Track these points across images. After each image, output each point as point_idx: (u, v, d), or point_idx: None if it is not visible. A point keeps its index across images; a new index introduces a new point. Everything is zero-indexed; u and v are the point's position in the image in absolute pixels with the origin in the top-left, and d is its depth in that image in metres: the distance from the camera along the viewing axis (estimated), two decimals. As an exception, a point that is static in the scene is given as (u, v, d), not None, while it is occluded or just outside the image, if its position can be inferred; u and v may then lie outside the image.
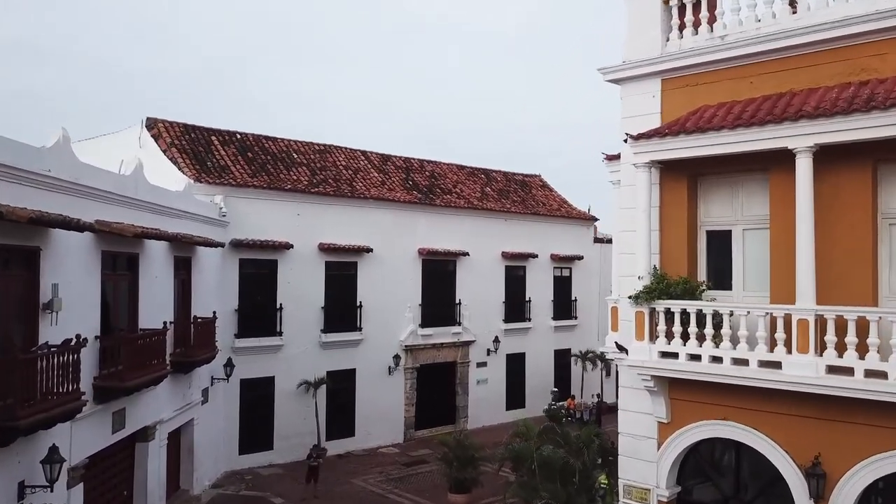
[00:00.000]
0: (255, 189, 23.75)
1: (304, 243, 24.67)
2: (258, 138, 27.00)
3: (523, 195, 34.22)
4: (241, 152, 25.62)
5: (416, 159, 31.94)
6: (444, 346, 28.88)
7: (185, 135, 24.85)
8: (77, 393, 11.84)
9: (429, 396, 28.47)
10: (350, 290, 25.99)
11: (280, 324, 24.05)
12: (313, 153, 28.06)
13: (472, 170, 34.06)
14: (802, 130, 9.35)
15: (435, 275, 28.63)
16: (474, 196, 31.32)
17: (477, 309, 29.86)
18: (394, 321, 27.18)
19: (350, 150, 29.77)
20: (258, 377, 23.59)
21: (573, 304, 34.03)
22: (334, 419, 25.43)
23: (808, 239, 9.45)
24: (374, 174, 28.86)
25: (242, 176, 24.11)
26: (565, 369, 33.68)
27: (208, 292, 21.03)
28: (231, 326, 22.90)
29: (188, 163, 23.36)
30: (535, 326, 32.30)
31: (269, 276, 24.05)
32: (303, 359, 24.54)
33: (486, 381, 30.40)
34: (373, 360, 26.49)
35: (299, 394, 24.34)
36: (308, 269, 24.77)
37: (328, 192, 25.50)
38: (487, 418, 30.31)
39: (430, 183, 30.50)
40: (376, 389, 26.59)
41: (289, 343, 24.23)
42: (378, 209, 26.93)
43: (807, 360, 9.25)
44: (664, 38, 11.61)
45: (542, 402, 31.88)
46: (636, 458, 11.65)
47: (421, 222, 28.30)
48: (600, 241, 35.85)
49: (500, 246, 30.97)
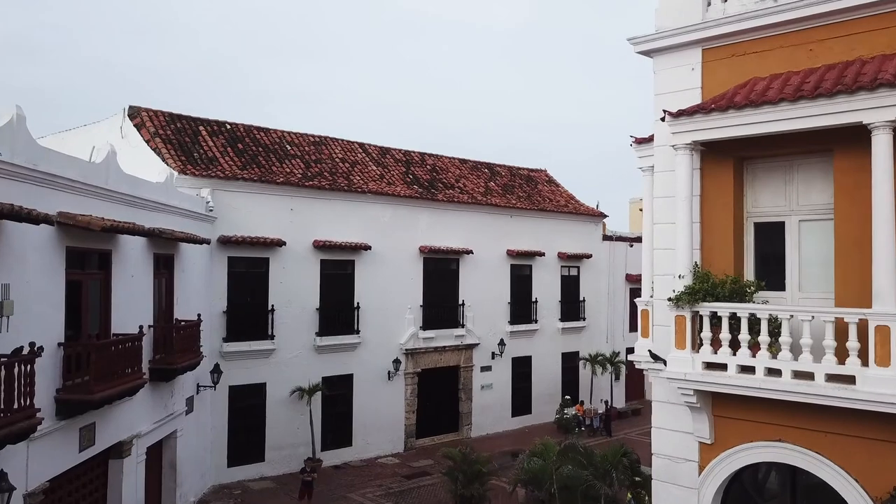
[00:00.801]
0: (244, 182, 22.21)
1: (298, 240, 23.15)
2: (249, 129, 25.46)
3: (529, 190, 32.71)
4: (231, 143, 24.08)
5: (416, 152, 30.43)
6: (447, 350, 27.36)
7: (170, 124, 23.31)
8: (31, 409, 10.31)
9: (430, 403, 26.98)
10: (347, 291, 24.47)
11: (272, 326, 22.52)
12: (308, 145, 26.53)
13: (475, 164, 32.54)
14: (882, 102, 7.85)
15: (437, 274, 27.13)
16: (478, 191, 29.80)
17: (481, 310, 28.37)
18: (393, 323, 25.67)
19: (347, 142, 28.24)
20: (248, 384, 22.06)
21: (581, 304, 32.51)
22: (330, 428, 23.90)
23: (889, 231, 7.95)
24: (372, 167, 27.34)
25: (231, 168, 22.57)
26: (573, 373, 32.18)
27: (193, 293, 19.51)
28: (219, 330, 21.38)
29: (173, 153, 21.82)
30: (542, 328, 30.79)
31: (260, 275, 22.52)
32: (296, 364, 23.02)
33: (490, 386, 28.91)
34: (371, 365, 24.97)
35: (292, 401, 22.81)
36: (302, 267, 23.26)
37: (323, 186, 23.97)
38: (492, 425, 28.83)
39: (431, 177, 28.98)
40: (375, 396, 25.08)
41: (281, 347, 22.70)
42: (376, 204, 25.41)
43: (888, 375, 7.76)
44: (705, 1, 10.12)
45: (550, 408, 30.50)
46: (673, 484, 10.16)
47: (422, 218, 26.79)
48: (609, 238, 34.39)
49: (506, 243, 29.48)
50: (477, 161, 32.76)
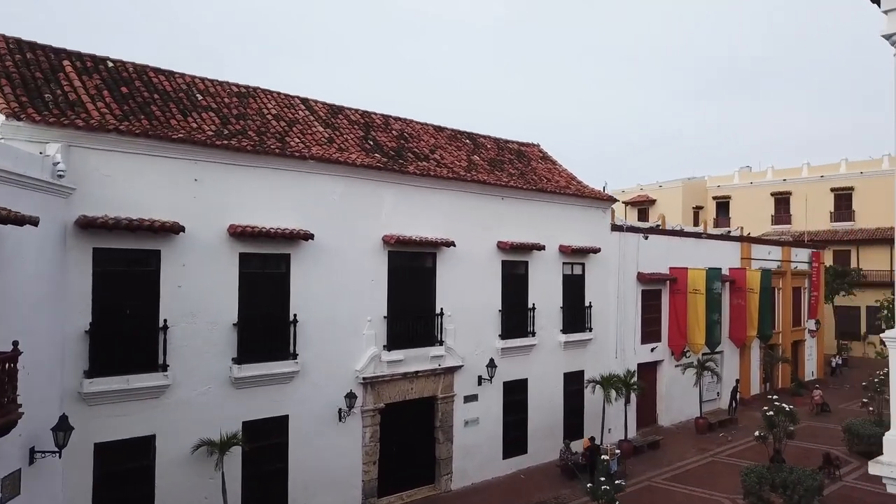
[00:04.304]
0: (121, 137, 14.82)
1: (206, 225, 15.91)
2: (143, 70, 17.97)
3: (521, 167, 25.82)
4: (111, 86, 16.61)
5: (378, 114, 23.27)
6: (420, 376, 20.31)
7: (15, 53, 15.77)
8: None
9: (398, 448, 19.91)
10: (279, 298, 17.27)
11: (164, 352, 15.19)
12: (228, 96, 19.17)
13: (455, 132, 25.51)
14: None
15: (407, 273, 20.09)
16: (459, 165, 22.79)
17: (465, 321, 21.43)
18: (346, 343, 18.55)
19: (285, 95, 20.92)
20: (126, 439, 14.72)
21: (588, 311, 25.79)
22: (255, 496, 16.66)
23: None
24: (318, 129, 20.10)
25: (103, 117, 15.15)
26: (577, 398, 25.46)
27: (25, 305, 12.13)
28: (77, 360, 14.01)
29: (8, 92, 14.33)
30: (541, 343, 23.97)
31: (146, 275, 15.19)
32: (202, 406, 15.76)
33: (476, 421, 21.95)
34: (315, 402, 17.82)
35: (197, 460, 15.54)
36: (211, 264, 16.01)
37: (244, 148, 16.68)
38: (479, 472, 21.91)
39: (398, 145, 21.86)
40: (321, 444, 17.94)
41: (179, 382, 15.41)
42: (323, 176, 18.24)
43: None
44: None
45: (550, 443, 23.79)
46: None
47: (386, 197, 19.71)
48: (619, 228, 27.74)
49: (496, 234, 22.58)
50: (456, 129, 25.75)
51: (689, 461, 24.92)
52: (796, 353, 40.01)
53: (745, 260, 35.34)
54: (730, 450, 26.45)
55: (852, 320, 52.47)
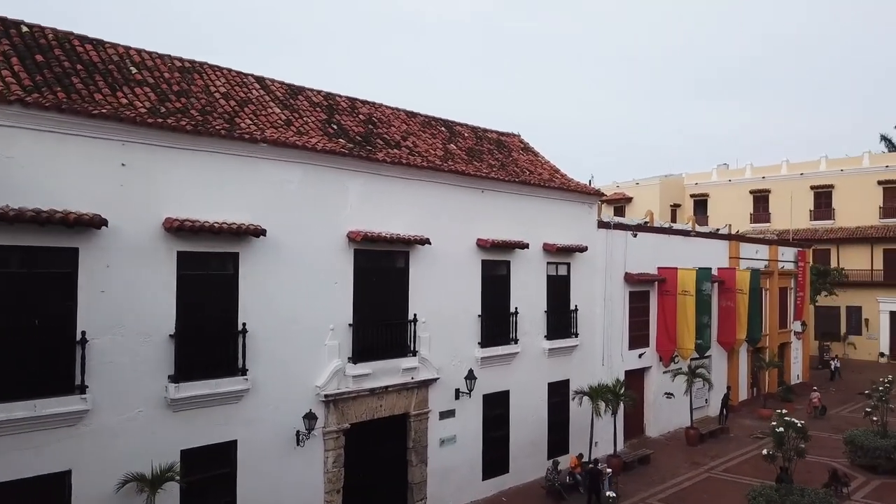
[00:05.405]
0: (25, 109, 12.23)
1: (135, 218, 13.39)
2: (66, 37, 15.32)
3: (502, 158, 23.60)
4: (23, 53, 13.97)
5: (343, 96, 20.85)
6: (391, 392, 17.95)
7: None
8: None
9: (366, 473, 17.53)
10: (225, 304, 14.77)
11: (81, 371, 12.62)
12: (169, 70, 16.58)
13: (428, 119, 23.19)
14: None
15: (375, 274, 17.72)
16: (434, 154, 20.48)
17: (441, 328, 19.15)
18: (305, 355, 16.13)
19: (237, 73, 18.41)
20: (37, 476, 12.15)
21: (573, 315, 23.68)
22: (195, 537, 14.21)
23: None
24: (274, 110, 17.62)
25: (8, 87, 12.52)
26: (562, 410, 23.35)
27: None
28: (-32, 382, 11.41)
29: None
30: (524, 350, 21.78)
31: (60, 279, 12.61)
32: (131, 433, 13.25)
33: (453, 439, 19.69)
34: (268, 425, 15.36)
35: (123, 500, 13.02)
36: (143, 265, 13.48)
37: (182, 127, 14.15)
38: (456, 496, 19.67)
39: (366, 130, 19.47)
40: (275, 473, 15.51)
41: (101, 406, 12.86)
42: (278, 163, 15.79)
43: None
44: None
45: (534, 461, 21.72)
46: None
47: (352, 188, 17.33)
48: (606, 225, 25.70)
49: (475, 230, 20.35)
50: (430, 116, 23.43)
51: (683, 477, 22.96)
52: (783, 356, 38.48)
53: (734, 259, 33.61)
54: (725, 464, 24.58)
55: (832, 320, 51.44)
